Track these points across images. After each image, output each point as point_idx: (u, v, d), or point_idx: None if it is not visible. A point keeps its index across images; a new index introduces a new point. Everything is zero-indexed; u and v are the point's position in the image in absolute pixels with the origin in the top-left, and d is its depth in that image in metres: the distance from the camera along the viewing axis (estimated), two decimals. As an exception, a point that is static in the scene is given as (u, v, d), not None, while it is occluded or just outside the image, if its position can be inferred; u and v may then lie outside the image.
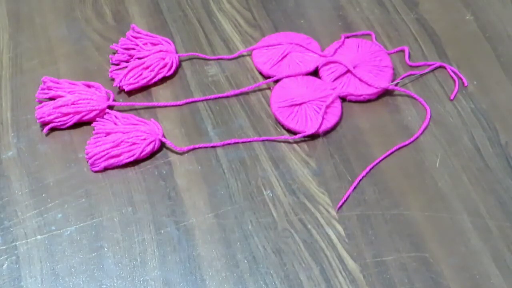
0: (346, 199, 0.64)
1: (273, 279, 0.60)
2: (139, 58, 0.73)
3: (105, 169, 0.66)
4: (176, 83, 0.72)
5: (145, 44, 0.74)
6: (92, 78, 0.72)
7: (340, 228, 0.62)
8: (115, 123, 0.68)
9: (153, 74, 0.71)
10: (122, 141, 0.66)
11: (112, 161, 0.65)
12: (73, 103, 0.68)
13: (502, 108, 0.70)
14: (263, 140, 0.68)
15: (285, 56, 0.73)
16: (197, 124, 0.69)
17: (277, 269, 0.60)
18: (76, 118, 0.68)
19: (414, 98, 0.71)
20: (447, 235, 0.62)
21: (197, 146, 0.67)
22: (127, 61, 0.73)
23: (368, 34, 0.76)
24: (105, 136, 0.67)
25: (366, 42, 0.74)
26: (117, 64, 0.73)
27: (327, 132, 0.68)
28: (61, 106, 0.68)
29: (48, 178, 0.65)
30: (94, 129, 0.68)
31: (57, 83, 0.70)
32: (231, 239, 0.62)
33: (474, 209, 0.63)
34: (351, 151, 0.67)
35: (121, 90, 0.71)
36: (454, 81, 0.72)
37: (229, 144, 0.67)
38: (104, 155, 0.65)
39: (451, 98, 0.71)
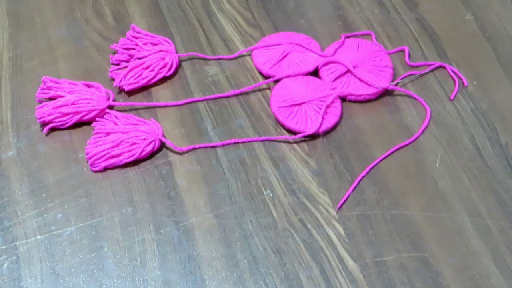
0: (346, 199, 0.64)
1: (273, 279, 0.60)
2: (139, 58, 0.73)
3: (105, 169, 0.66)
4: (176, 83, 0.72)
5: (145, 44, 0.74)
6: (92, 78, 0.72)
7: (340, 228, 0.62)
8: (115, 123, 0.68)
9: (153, 74, 0.71)
10: (122, 141, 0.66)
11: (112, 161, 0.65)
12: (73, 103, 0.68)
13: (502, 108, 0.70)
14: (263, 140, 0.68)
15: (285, 56, 0.73)
16: (197, 124, 0.69)
17: (277, 269, 0.60)
18: (76, 118, 0.68)
19: (414, 98, 0.71)
20: (447, 235, 0.62)
21: (197, 146, 0.67)
22: (127, 61, 0.73)
23: (368, 34, 0.76)
24: (105, 136, 0.67)
25: (366, 42, 0.74)
26: (117, 64, 0.73)
27: (327, 132, 0.68)
28: (61, 106, 0.68)
29: (48, 178, 0.65)
30: (94, 129, 0.68)
31: (57, 83, 0.70)
32: (231, 239, 0.62)
33: (474, 209, 0.63)
34: (351, 151, 0.67)
35: (121, 90, 0.71)
36: (454, 81, 0.72)
37: (229, 144, 0.67)
38: (104, 155, 0.65)
39: (451, 98, 0.71)
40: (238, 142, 0.67)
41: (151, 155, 0.67)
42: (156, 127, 0.67)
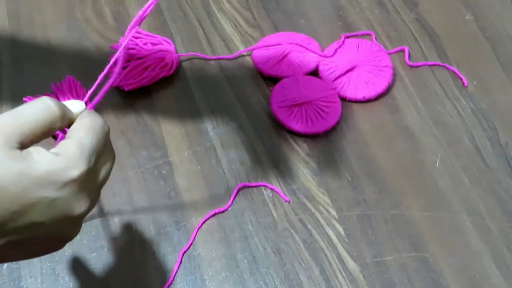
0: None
1: (273, 279, 0.60)
2: (139, 58, 0.73)
3: None
4: (176, 83, 0.72)
5: (145, 44, 0.74)
6: (92, 78, 0.72)
7: (340, 228, 0.62)
8: None
9: (153, 74, 0.71)
10: None
11: None
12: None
13: (502, 108, 0.70)
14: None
15: (285, 56, 0.73)
16: (197, 124, 0.69)
17: (277, 269, 0.60)
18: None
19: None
20: (447, 235, 0.62)
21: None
22: (127, 61, 0.73)
23: (368, 34, 0.76)
24: None
25: (366, 42, 0.74)
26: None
27: (327, 132, 0.68)
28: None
29: (48, 178, 0.65)
30: None
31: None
32: (231, 239, 0.62)
33: (474, 209, 0.63)
34: (351, 151, 0.67)
35: (121, 90, 0.71)
36: (454, 81, 0.72)
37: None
38: None
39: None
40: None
41: (151, 155, 0.67)
42: None
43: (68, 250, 0.61)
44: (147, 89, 0.71)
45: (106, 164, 0.44)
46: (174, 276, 0.60)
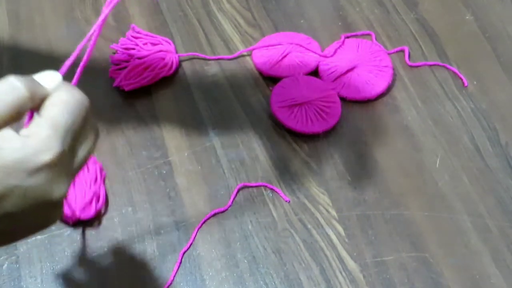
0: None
1: (273, 279, 0.60)
2: (139, 58, 0.73)
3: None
4: (176, 83, 0.72)
5: (145, 44, 0.74)
6: (92, 78, 0.72)
7: (340, 228, 0.62)
8: None
9: (153, 74, 0.71)
10: None
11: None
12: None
13: (502, 108, 0.70)
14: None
15: (285, 56, 0.73)
16: (197, 124, 0.69)
17: (277, 269, 0.60)
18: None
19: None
20: (447, 235, 0.62)
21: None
22: (127, 61, 0.73)
23: (368, 34, 0.76)
24: None
25: (366, 42, 0.74)
26: (117, 64, 0.73)
27: (327, 132, 0.68)
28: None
29: (48, 178, 0.65)
30: None
31: None
32: (231, 239, 0.62)
33: (474, 209, 0.63)
34: (351, 151, 0.67)
35: (121, 90, 0.71)
36: (454, 81, 0.72)
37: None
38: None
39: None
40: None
41: (151, 155, 0.67)
42: None
43: (68, 250, 0.61)
44: (147, 89, 0.71)
45: (86, 142, 0.40)
46: (174, 276, 0.60)
